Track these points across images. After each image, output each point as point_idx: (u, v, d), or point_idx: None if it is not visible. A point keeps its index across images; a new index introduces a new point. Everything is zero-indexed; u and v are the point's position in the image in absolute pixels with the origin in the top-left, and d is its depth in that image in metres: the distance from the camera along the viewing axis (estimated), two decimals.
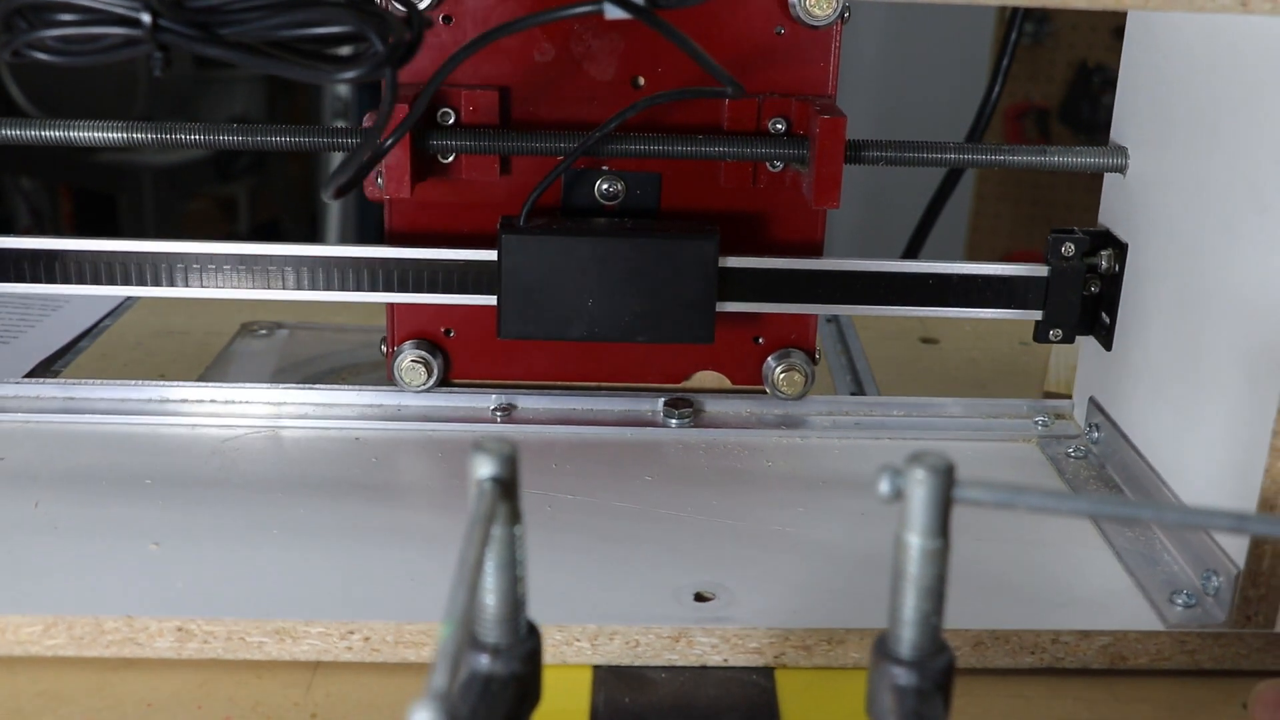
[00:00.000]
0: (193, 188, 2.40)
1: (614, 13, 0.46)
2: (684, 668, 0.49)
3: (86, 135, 0.60)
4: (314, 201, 2.42)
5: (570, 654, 0.48)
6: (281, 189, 2.50)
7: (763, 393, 0.66)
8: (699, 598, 0.50)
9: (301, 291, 0.62)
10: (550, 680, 0.39)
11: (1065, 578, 0.53)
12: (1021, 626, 0.49)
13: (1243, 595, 0.49)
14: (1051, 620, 0.50)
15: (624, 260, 0.60)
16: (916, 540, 0.35)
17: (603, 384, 0.67)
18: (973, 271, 0.63)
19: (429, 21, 0.56)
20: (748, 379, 0.67)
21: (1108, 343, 0.62)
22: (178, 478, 0.59)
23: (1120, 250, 0.61)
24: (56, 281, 0.62)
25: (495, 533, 0.35)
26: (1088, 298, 0.63)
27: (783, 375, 0.65)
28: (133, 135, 0.60)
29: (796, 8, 0.60)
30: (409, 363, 0.65)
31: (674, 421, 0.65)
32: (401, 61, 0.47)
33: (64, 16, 0.45)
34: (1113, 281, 0.62)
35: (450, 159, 0.62)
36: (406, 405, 0.65)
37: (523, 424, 0.65)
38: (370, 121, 0.58)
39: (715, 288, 0.60)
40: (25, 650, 0.48)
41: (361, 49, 0.46)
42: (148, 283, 0.62)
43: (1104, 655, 0.49)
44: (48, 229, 2.23)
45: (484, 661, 0.37)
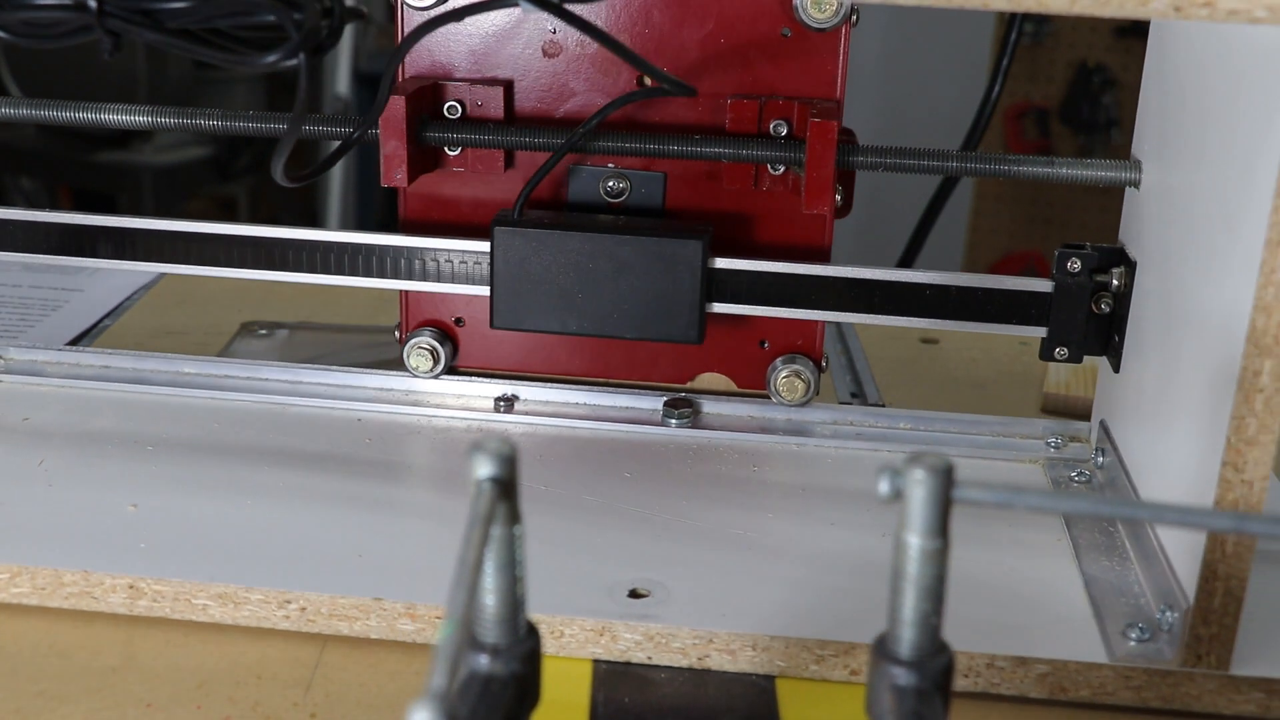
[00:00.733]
0: (193, 188, 2.39)
1: (528, 9, 0.50)
2: (685, 669, 0.49)
3: (114, 118, 0.64)
4: (314, 202, 2.42)
5: None
6: (281, 189, 2.50)
7: (766, 397, 0.66)
8: (634, 594, 0.50)
9: (316, 275, 0.64)
10: (550, 680, 0.39)
11: (1020, 601, 0.51)
12: (957, 647, 0.47)
13: (1193, 633, 0.46)
14: (989, 644, 0.48)
15: (614, 257, 0.60)
16: (916, 540, 0.35)
17: (607, 380, 0.67)
18: (973, 284, 0.61)
19: (359, 13, 0.58)
20: (752, 383, 0.67)
21: (1116, 364, 0.60)
22: (176, 445, 0.61)
23: (1132, 268, 0.59)
24: (77, 255, 0.67)
25: (495, 533, 0.35)
26: (1100, 317, 0.60)
27: (784, 380, 0.65)
28: (158, 120, 0.64)
29: (799, 9, 0.60)
30: (416, 349, 0.66)
31: (673, 421, 0.65)
32: (318, 49, 0.50)
33: (29, 1, 0.51)
34: (1125, 300, 0.59)
35: (457, 152, 0.63)
36: (413, 390, 0.67)
37: (522, 416, 0.65)
38: (384, 114, 0.59)
39: (703, 288, 0.60)
40: None
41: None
42: (165, 259, 0.65)
43: (1042, 684, 0.47)
44: None
45: (483, 661, 0.37)
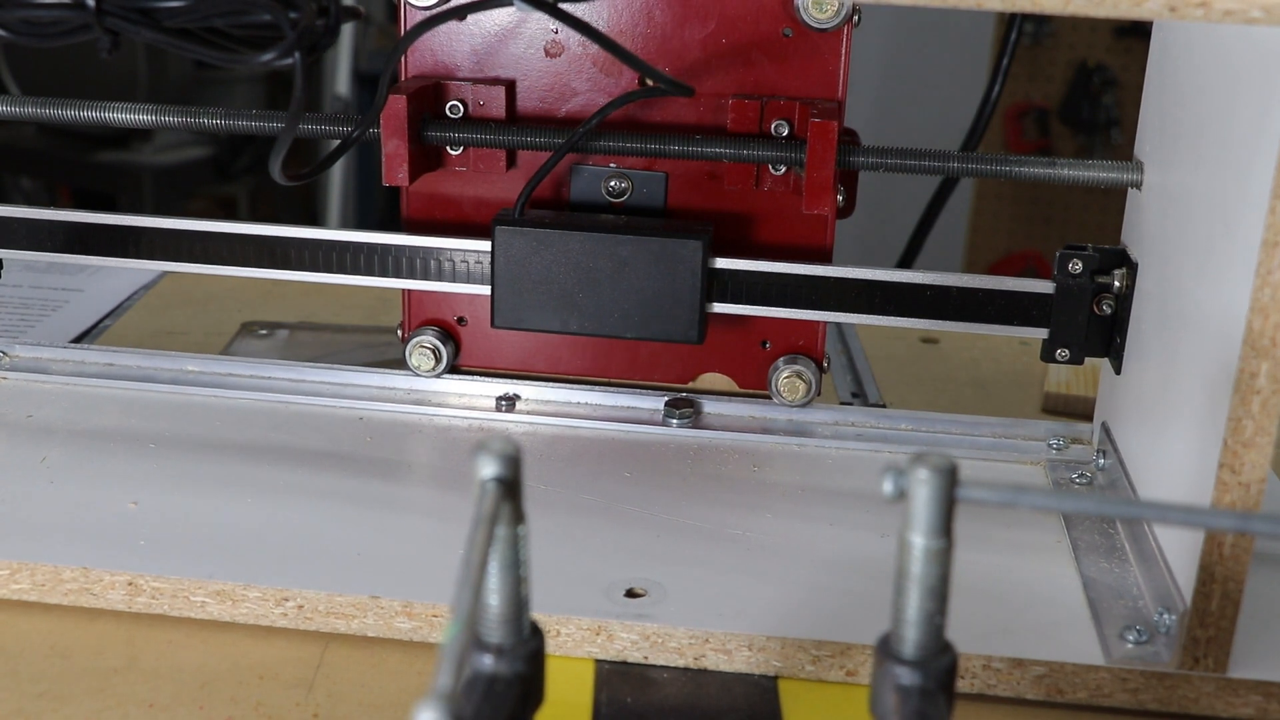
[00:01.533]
0: (192, 188, 2.40)
1: (523, 8, 0.50)
2: (687, 668, 0.49)
3: (118, 116, 0.64)
4: (314, 202, 2.42)
5: None
6: (281, 189, 2.50)
7: (767, 397, 0.66)
8: (630, 594, 0.50)
9: (318, 274, 0.64)
10: (553, 680, 0.39)
11: (1018, 603, 0.51)
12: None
13: (1190, 635, 0.46)
14: (985, 645, 0.48)
15: (614, 256, 0.60)
16: (920, 540, 0.35)
17: (609, 380, 0.67)
18: (974, 284, 0.61)
19: (356, 13, 0.58)
20: (754, 383, 0.67)
21: (1118, 365, 0.60)
22: (178, 442, 0.61)
23: (1134, 269, 0.59)
24: (76, 253, 0.66)
25: (499, 533, 0.35)
26: (1102, 318, 0.60)
27: (785, 381, 0.65)
28: (161, 118, 0.64)
29: (800, 10, 0.60)
30: (419, 348, 0.66)
31: (674, 421, 0.65)
32: (313, 48, 0.50)
33: None
34: (1126, 302, 0.59)
35: (459, 151, 0.63)
36: (415, 389, 0.67)
37: (524, 415, 0.65)
38: (384, 113, 0.60)
39: (702, 288, 0.60)
40: None
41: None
42: (169, 257, 0.65)
43: (1039, 686, 0.47)
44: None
45: (488, 661, 0.37)
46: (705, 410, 0.66)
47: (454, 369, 0.67)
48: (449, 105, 0.63)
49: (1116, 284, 0.60)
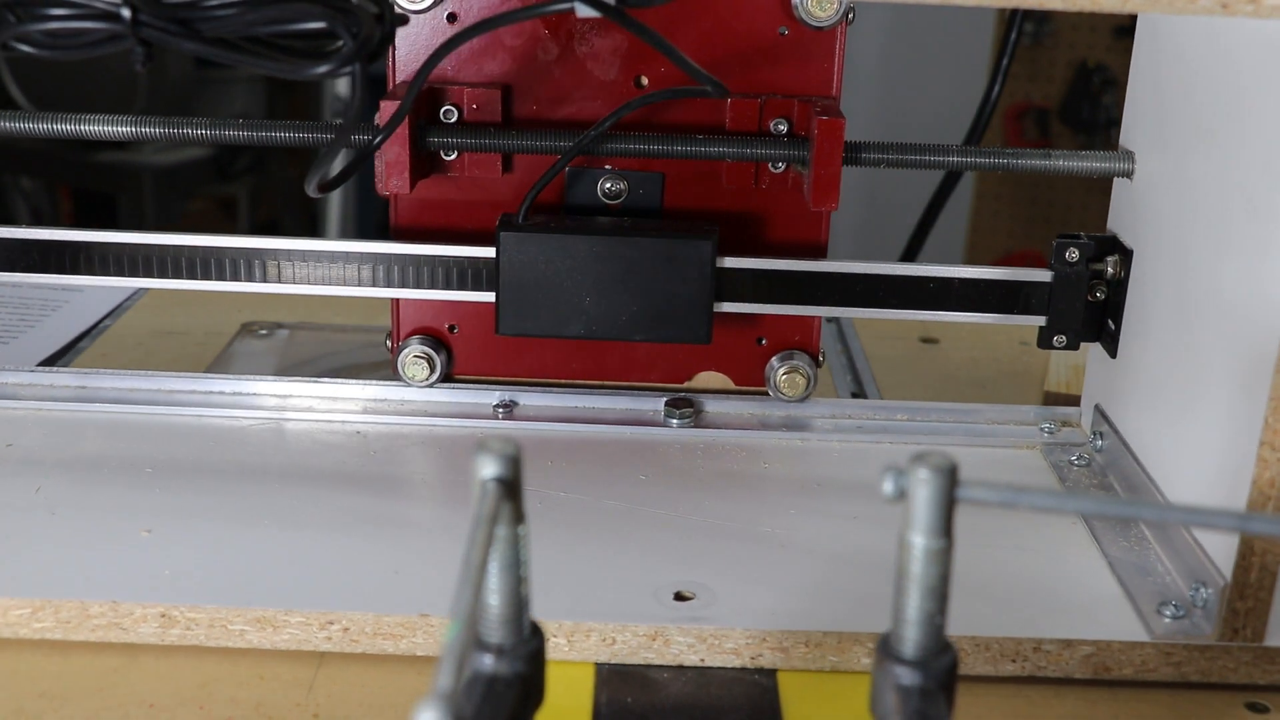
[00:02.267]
0: (193, 188, 2.39)
1: (585, 11, 0.48)
2: (686, 668, 0.49)
3: (96, 129, 0.61)
4: (313, 201, 2.42)
5: (547, 650, 0.48)
6: (281, 189, 2.50)
7: (765, 394, 0.66)
8: (679, 597, 0.50)
9: (308, 285, 0.63)
10: (553, 680, 0.39)
11: (1053, 586, 0.52)
12: (1003, 634, 0.49)
13: (1230, 608, 0.48)
14: (1034, 628, 0.49)
15: (621, 259, 0.60)
16: (920, 540, 0.35)
17: (605, 383, 0.67)
18: (975, 275, 0.62)
19: (403, 18, 0.56)
20: (750, 380, 0.67)
21: (1113, 350, 0.62)
22: (177, 466, 0.59)
23: (1126, 256, 0.61)
24: (66, 272, 0.63)
25: (499, 533, 0.35)
26: (1094, 304, 0.62)
27: (784, 377, 0.65)
28: (141, 130, 0.61)
29: (799, 8, 0.60)
30: (412, 358, 0.65)
31: (674, 421, 0.65)
32: (372, 57, 0.48)
33: (51, 11, 0.46)
34: (1119, 288, 0.61)
35: (453, 156, 0.62)
36: (409, 400, 0.66)
37: (523, 421, 0.65)
38: (382, 119, 0.58)
39: (712, 288, 0.60)
40: (14, 633, 0.49)
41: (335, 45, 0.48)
42: (153, 274, 0.63)
43: (1087, 665, 0.49)
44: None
45: (488, 661, 0.37)
46: (705, 409, 0.66)
47: (446, 378, 0.66)
48: (443, 110, 0.62)
49: (1110, 270, 0.62)
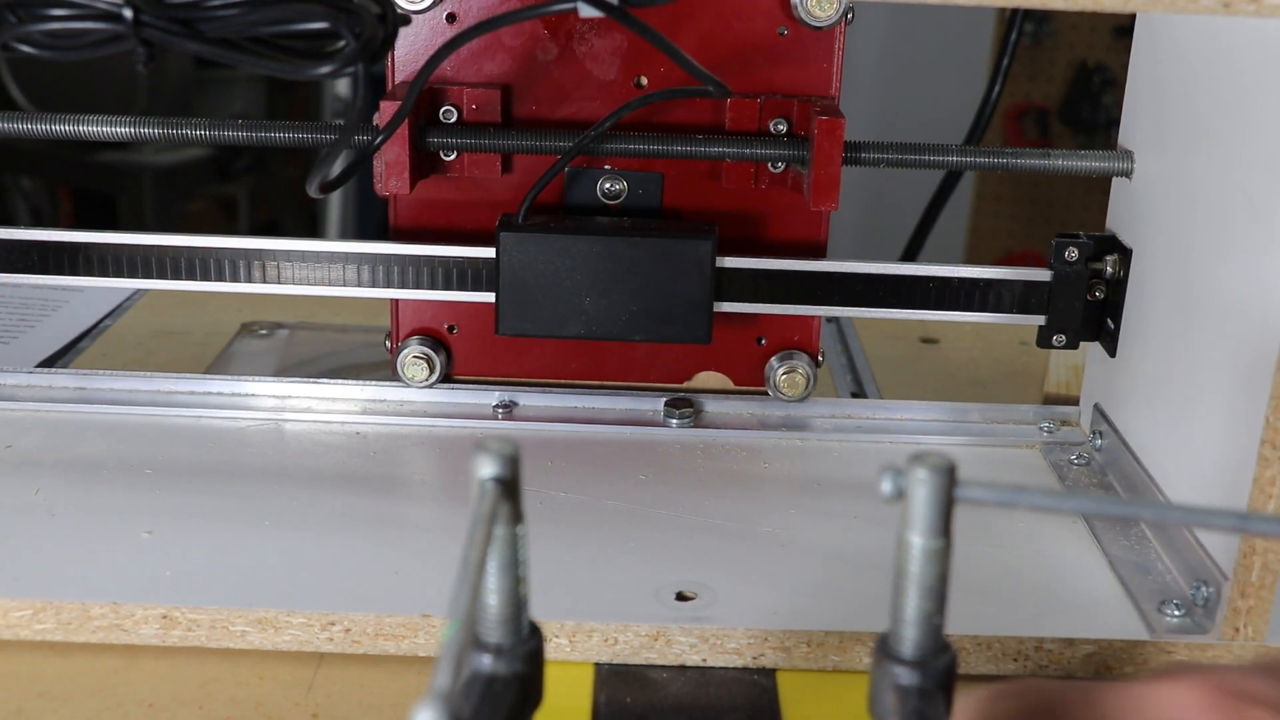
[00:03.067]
0: (193, 188, 2.39)
1: (588, 11, 0.47)
2: (686, 668, 0.49)
3: (94, 130, 0.61)
4: (314, 202, 2.42)
5: (549, 651, 0.48)
6: (281, 189, 2.50)
7: (764, 394, 0.66)
8: (680, 597, 0.50)
9: (306, 286, 0.63)
10: (552, 680, 0.39)
11: (1054, 585, 0.52)
12: (1004, 633, 0.49)
13: (1231, 606, 0.48)
14: (1036, 627, 0.49)
15: (621, 259, 0.60)
16: (918, 540, 0.35)
17: (604, 383, 0.67)
18: (974, 275, 0.62)
19: (405, 19, 0.56)
20: (750, 380, 0.67)
21: (1112, 349, 0.62)
22: (177, 468, 0.59)
23: (1125, 255, 0.61)
24: (65, 273, 0.63)
25: (498, 533, 0.35)
26: (1093, 303, 0.62)
27: (784, 377, 0.65)
28: (141, 130, 0.61)
29: (799, 8, 0.60)
30: (411, 358, 0.65)
31: (674, 421, 0.65)
32: (374, 58, 0.48)
33: (51, 11, 0.46)
34: (1118, 287, 0.61)
35: (452, 156, 0.62)
36: (409, 401, 0.66)
37: (523, 421, 0.65)
38: (382, 119, 0.58)
39: (712, 288, 0.60)
40: (15, 634, 0.49)
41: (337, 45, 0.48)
42: (152, 275, 0.63)
43: (1089, 664, 0.49)
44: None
45: (486, 661, 0.37)
46: (705, 409, 0.66)
47: (445, 378, 0.66)
48: (443, 110, 0.62)
49: (1109, 270, 0.62)
